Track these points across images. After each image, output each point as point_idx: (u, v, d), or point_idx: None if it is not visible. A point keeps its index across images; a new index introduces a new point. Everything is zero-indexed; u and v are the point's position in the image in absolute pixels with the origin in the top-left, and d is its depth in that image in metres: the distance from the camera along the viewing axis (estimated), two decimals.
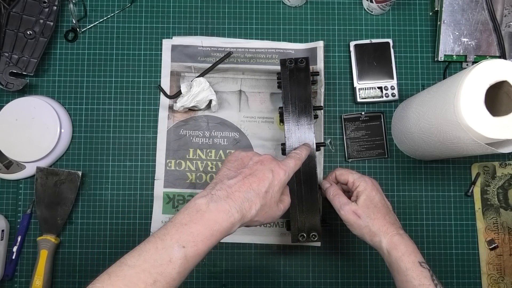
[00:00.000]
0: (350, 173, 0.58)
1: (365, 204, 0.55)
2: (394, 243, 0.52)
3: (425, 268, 0.50)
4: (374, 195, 0.55)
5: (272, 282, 0.67)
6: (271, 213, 0.48)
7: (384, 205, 0.55)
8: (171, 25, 0.72)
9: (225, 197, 0.44)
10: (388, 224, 0.53)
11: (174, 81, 0.70)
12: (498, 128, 0.48)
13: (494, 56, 0.69)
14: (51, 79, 0.70)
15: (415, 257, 0.51)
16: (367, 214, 0.54)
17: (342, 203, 0.56)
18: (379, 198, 0.55)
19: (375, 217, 0.54)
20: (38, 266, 0.64)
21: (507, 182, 0.69)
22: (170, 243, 0.40)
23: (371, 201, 0.55)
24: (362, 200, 0.55)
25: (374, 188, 0.56)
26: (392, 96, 0.69)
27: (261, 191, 0.45)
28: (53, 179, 0.66)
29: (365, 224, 0.54)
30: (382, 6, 0.69)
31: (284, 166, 0.49)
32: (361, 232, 0.54)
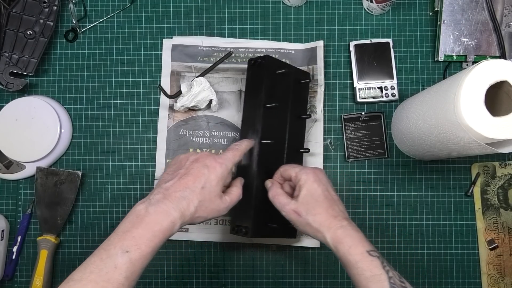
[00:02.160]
0: (292, 167, 0.55)
1: (305, 199, 0.51)
2: (338, 237, 0.48)
3: (375, 257, 0.47)
4: (315, 187, 0.52)
5: (272, 282, 0.67)
6: (213, 206, 0.48)
7: (327, 197, 0.52)
8: (171, 25, 0.72)
9: (163, 199, 0.45)
10: (331, 218, 0.50)
11: (174, 81, 0.70)
12: (498, 128, 0.48)
13: (494, 56, 0.69)
14: (51, 79, 0.70)
15: (363, 247, 0.47)
16: (307, 210, 0.51)
17: (282, 203, 0.53)
18: (321, 190, 0.52)
19: (316, 212, 0.50)
20: (38, 266, 0.64)
21: (507, 182, 0.69)
22: (114, 251, 0.42)
23: (311, 195, 0.51)
24: (302, 195, 0.52)
25: (316, 179, 0.52)
26: (392, 96, 0.69)
27: (197, 188, 0.47)
28: (53, 179, 0.66)
29: (306, 221, 0.51)
30: (382, 6, 0.69)
31: (220, 159, 0.50)
32: (305, 229, 0.52)
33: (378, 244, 0.67)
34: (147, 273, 0.67)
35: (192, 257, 0.68)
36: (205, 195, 0.47)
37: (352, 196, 0.69)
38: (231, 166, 0.51)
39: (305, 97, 0.64)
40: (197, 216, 0.47)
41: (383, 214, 0.68)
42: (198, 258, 0.68)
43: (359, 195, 0.69)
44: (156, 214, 0.44)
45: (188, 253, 0.68)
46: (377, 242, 0.68)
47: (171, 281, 0.67)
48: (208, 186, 0.48)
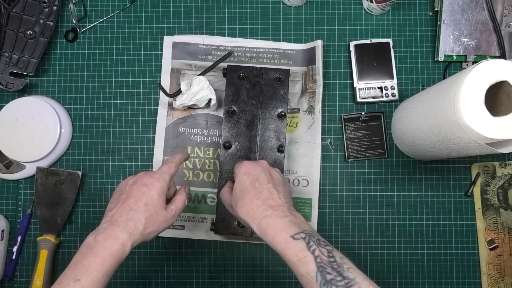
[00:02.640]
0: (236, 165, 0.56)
1: (236, 193, 0.52)
2: (262, 228, 0.47)
3: (299, 239, 0.44)
4: (244, 179, 0.51)
5: (272, 282, 0.67)
6: (161, 219, 0.50)
7: (254, 187, 0.50)
8: (171, 25, 0.72)
9: (110, 226, 0.47)
10: (255, 208, 0.48)
11: (174, 79, 0.70)
12: (498, 128, 0.48)
13: (494, 56, 0.69)
14: (51, 79, 0.70)
15: (286, 233, 0.45)
16: (236, 203, 0.51)
17: (223, 199, 0.56)
18: (249, 181, 0.51)
19: (242, 204, 0.50)
20: (38, 266, 0.64)
21: (507, 182, 0.69)
22: (67, 282, 0.43)
23: (240, 187, 0.51)
24: (234, 189, 0.52)
25: (246, 171, 0.52)
26: (392, 96, 0.69)
27: (140, 207, 0.49)
28: (53, 179, 0.66)
29: (237, 214, 0.51)
30: (382, 6, 0.69)
31: (156, 175, 0.52)
32: (242, 223, 0.53)
33: (378, 244, 0.68)
34: (147, 273, 0.67)
35: (192, 257, 0.68)
36: (150, 211, 0.49)
37: (352, 196, 0.69)
38: (168, 178, 0.52)
39: (283, 96, 0.64)
40: (148, 232, 0.49)
41: (383, 214, 0.68)
42: (198, 258, 0.68)
43: (359, 195, 0.69)
44: (104, 241, 0.46)
45: (188, 253, 0.68)
46: (377, 242, 0.68)
47: (171, 281, 0.67)
48: (151, 201, 0.50)
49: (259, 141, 0.64)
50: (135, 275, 0.67)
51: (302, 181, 0.68)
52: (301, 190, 0.67)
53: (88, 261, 0.44)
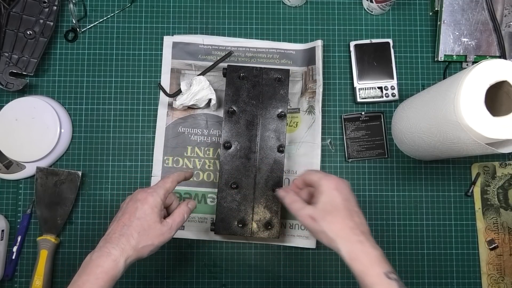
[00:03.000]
0: (316, 172, 0.53)
1: (323, 206, 0.49)
2: (354, 253, 0.46)
3: (393, 280, 0.44)
4: (335, 195, 0.49)
5: (272, 282, 0.67)
6: (156, 232, 0.50)
7: (346, 207, 0.49)
8: (171, 25, 0.72)
9: (104, 244, 0.48)
10: (347, 229, 0.47)
11: (174, 79, 0.70)
12: (498, 128, 0.48)
13: (494, 56, 0.69)
14: (51, 79, 0.70)
15: (380, 268, 0.45)
16: (323, 217, 0.48)
17: (297, 208, 0.51)
18: (341, 198, 0.49)
19: (332, 220, 0.48)
20: (38, 266, 0.64)
21: (507, 182, 0.69)
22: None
23: (330, 202, 0.49)
24: (322, 202, 0.49)
25: (337, 187, 0.50)
26: (392, 96, 0.69)
27: (133, 222, 0.49)
28: (53, 179, 0.66)
29: (321, 228, 0.48)
30: (382, 6, 0.69)
31: (150, 189, 0.52)
32: (319, 237, 0.49)
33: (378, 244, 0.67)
34: (147, 273, 0.67)
35: (192, 257, 0.68)
36: (143, 225, 0.49)
37: None
38: (162, 192, 0.52)
39: (283, 96, 0.65)
40: (142, 246, 0.49)
41: (383, 214, 0.68)
42: (198, 258, 0.68)
43: (359, 195, 0.69)
44: (97, 259, 0.47)
45: (188, 253, 0.68)
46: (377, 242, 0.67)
47: (171, 281, 0.67)
48: (143, 215, 0.50)
49: (259, 141, 0.64)
50: (135, 275, 0.67)
51: None
52: None
53: (82, 280, 0.45)
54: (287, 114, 0.64)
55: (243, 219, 0.63)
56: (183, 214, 0.54)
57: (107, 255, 0.46)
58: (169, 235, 0.51)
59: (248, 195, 0.63)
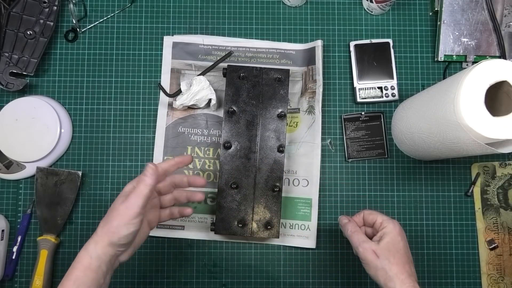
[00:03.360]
0: (379, 214, 0.56)
1: (387, 246, 0.52)
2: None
3: None
4: (399, 240, 0.53)
5: (272, 282, 0.67)
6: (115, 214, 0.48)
7: (407, 254, 0.53)
8: (171, 25, 0.72)
9: None
10: (406, 274, 0.51)
11: (174, 79, 0.70)
12: (498, 128, 0.48)
13: (494, 56, 0.69)
14: (51, 79, 0.70)
15: None
16: (387, 256, 0.52)
17: (361, 240, 0.54)
18: (403, 244, 0.53)
19: (394, 261, 0.51)
20: (38, 266, 0.64)
21: (507, 182, 0.69)
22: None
23: (394, 245, 0.53)
24: (385, 241, 0.53)
25: (400, 233, 0.54)
26: (392, 96, 0.69)
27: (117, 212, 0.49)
28: (53, 179, 0.66)
29: (382, 266, 0.51)
30: (382, 6, 0.69)
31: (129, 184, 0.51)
32: (376, 273, 0.52)
33: None
34: (147, 273, 0.67)
35: (192, 257, 0.68)
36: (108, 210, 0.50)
37: (352, 196, 0.69)
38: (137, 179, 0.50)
39: (283, 96, 0.65)
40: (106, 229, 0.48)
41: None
42: (198, 258, 0.68)
43: (359, 195, 0.69)
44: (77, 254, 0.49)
45: (188, 253, 0.68)
46: None
47: (171, 281, 0.67)
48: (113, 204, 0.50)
49: (259, 141, 0.64)
50: (135, 275, 0.67)
51: (302, 181, 0.68)
52: (301, 190, 0.67)
53: (64, 276, 0.48)
54: (287, 114, 0.64)
55: (243, 219, 0.63)
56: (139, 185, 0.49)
57: (82, 248, 0.49)
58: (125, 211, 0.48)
59: (248, 195, 0.63)
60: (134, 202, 0.48)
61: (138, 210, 0.48)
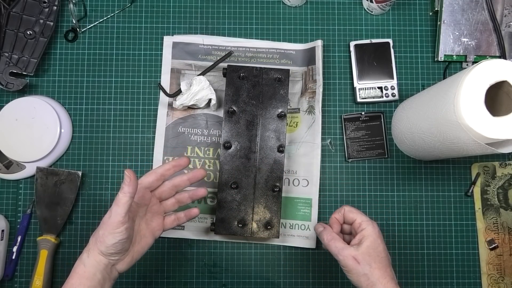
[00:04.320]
0: (359, 213, 0.55)
1: (368, 251, 0.51)
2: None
3: None
4: (379, 243, 0.52)
5: (272, 282, 0.67)
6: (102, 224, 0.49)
7: (387, 256, 0.52)
8: (171, 25, 0.72)
9: None
10: (388, 277, 0.50)
11: (174, 79, 0.70)
12: (498, 128, 0.48)
13: (494, 56, 0.69)
14: (51, 79, 0.70)
15: None
16: (368, 261, 0.51)
17: (340, 247, 0.52)
18: (383, 247, 0.52)
19: (376, 266, 0.50)
20: (38, 266, 0.64)
21: (507, 182, 0.69)
22: None
23: (374, 249, 0.51)
24: (365, 246, 0.51)
25: (380, 236, 0.53)
26: (392, 96, 0.69)
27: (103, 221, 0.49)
28: (53, 179, 0.66)
29: (364, 272, 0.50)
30: (382, 6, 0.69)
31: None
32: (358, 279, 0.51)
33: None
34: (147, 273, 0.67)
35: (192, 257, 0.68)
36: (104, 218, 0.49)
37: (352, 196, 0.69)
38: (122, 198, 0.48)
39: (283, 96, 0.65)
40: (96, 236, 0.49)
41: (383, 214, 0.68)
42: (198, 258, 0.68)
43: (359, 195, 0.69)
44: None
45: (188, 253, 0.68)
46: None
47: (171, 281, 0.67)
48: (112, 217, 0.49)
49: (259, 141, 0.64)
50: (135, 275, 0.67)
51: (302, 181, 0.68)
52: (301, 190, 0.67)
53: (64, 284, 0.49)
54: (287, 114, 0.64)
55: (243, 219, 0.63)
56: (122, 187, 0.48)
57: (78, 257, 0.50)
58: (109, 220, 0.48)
59: (248, 195, 0.63)
60: (114, 211, 0.48)
61: (120, 219, 0.47)
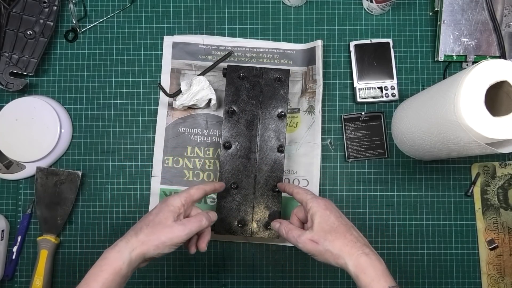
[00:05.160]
0: (305, 193, 0.55)
1: (320, 227, 0.50)
2: (361, 265, 0.47)
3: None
4: (328, 214, 0.51)
5: (272, 282, 0.67)
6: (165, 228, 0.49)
7: (342, 223, 0.51)
8: (171, 25, 0.72)
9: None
10: (351, 243, 0.48)
11: (174, 79, 0.70)
12: (498, 128, 0.48)
13: (494, 56, 0.69)
14: (51, 79, 0.70)
15: (385, 282, 0.46)
16: (324, 237, 0.49)
17: (297, 235, 0.52)
18: (334, 216, 0.51)
19: (333, 238, 0.49)
20: (38, 266, 0.64)
21: (507, 182, 0.69)
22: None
23: (326, 221, 0.51)
24: (317, 223, 0.51)
25: (327, 207, 0.52)
26: (392, 96, 0.69)
27: (147, 217, 0.50)
28: (53, 179, 0.66)
29: (325, 248, 0.49)
30: (382, 6, 0.69)
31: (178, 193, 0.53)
32: (324, 257, 0.50)
33: (378, 244, 0.68)
34: (147, 273, 0.67)
35: (192, 257, 0.68)
36: (154, 220, 0.49)
37: (352, 196, 0.69)
38: (184, 195, 0.52)
39: (283, 96, 0.65)
40: (148, 239, 0.48)
41: (383, 214, 0.68)
42: (198, 258, 0.68)
43: (359, 195, 0.69)
44: (106, 252, 0.47)
45: (188, 253, 0.67)
46: (377, 242, 0.68)
47: (171, 281, 0.67)
48: (157, 212, 0.50)
49: (259, 141, 0.64)
50: (135, 275, 0.67)
51: (302, 181, 0.68)
52: None
53: (89, 274, 0.46)
54: (287, 114, 0.64)
55: (243, 219, 0.63)
56: (201, 218, 0.52)
57: (112, 248, 0.47)
58: (179, 233, 0.49)
59: (248, 195, 0.63)
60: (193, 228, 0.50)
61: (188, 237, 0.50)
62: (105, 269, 0.45)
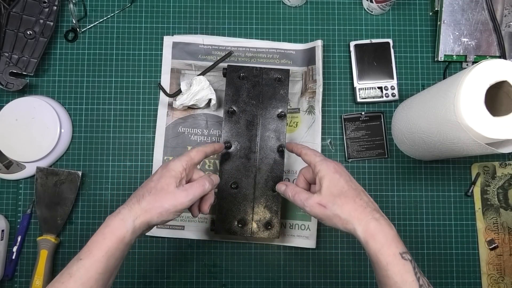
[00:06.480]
0: (313, 154, 0.52)
1: (329, 191, 0.48)
2: (370, 231, 0.45)
3: (407, 260, 0.44)
4: (337, 178, 0.49)
5: (272, 282, 0.67)
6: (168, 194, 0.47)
7: (352, 187, 0.49)
8: (171, 25, 0.72)
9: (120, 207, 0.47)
10: (361, 208, 0.47)
11: (174, 79, 0.70)
12: (498, 128, 0.48)
13: (494, 56, 0.69)
14: (51, 79, 0.70)
15: (396, 247, 0.44)
16: (333, 201, 0.47)
17: (304, 199, 0.50)
18: (344, 180, 0.49)
19: (342, 202, 0.47)
20: (38, 266, 0.64)
21: (507, 182, 0.69)
22: (71, 263, 0.44)
23: (335, 185, 0.48)
24: (325, 186, 0.48)
25: (336, 170, 0.49)
26: (392, 96, 0.69)
27: (148, 184, 0.48)
28: (53, 179, 0.66)
29: (334, 212, 0.47)
30: (382, 6, 0.69)
31: (175, 157, 0.51)
32: (333, 222, 0.48)
33: None
34: (147, 273, 0.67)
35: (192, 257, 0.68)
36: (156, 186, 0.48)
37: None
38: (185, 159, 0.51)
39: (283, 96, 0.65)
40: (151, 207, 0.46)
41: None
42: (198, 258, 0.68)
43: None
44: (109, 219, 0.46)
45: (188, 253, 0.68)
46: None
47: (171, 281, 0.67)
48: (159, 178, 0.49)
49: (259, 141, 0.64)
50: (135, 275, 0.67)
51: None
52: None
53: (92, 241, 0.44)
54: (287, 114, 0.65)
55: (243, 219, 0.63)
56: (204, 183, 0.51)
57: (115, 215, 0.46)
58: (182, 200, 0.48)
59: (248, 195, 0.63)
60: (196, 194, 0.49)
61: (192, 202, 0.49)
62: (108, 237, 0.44)
